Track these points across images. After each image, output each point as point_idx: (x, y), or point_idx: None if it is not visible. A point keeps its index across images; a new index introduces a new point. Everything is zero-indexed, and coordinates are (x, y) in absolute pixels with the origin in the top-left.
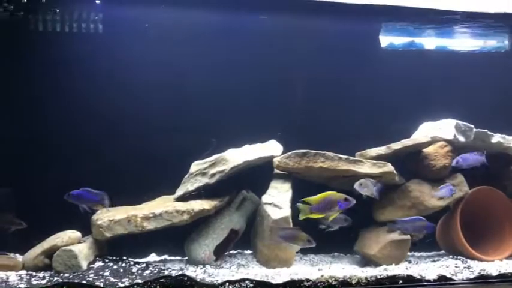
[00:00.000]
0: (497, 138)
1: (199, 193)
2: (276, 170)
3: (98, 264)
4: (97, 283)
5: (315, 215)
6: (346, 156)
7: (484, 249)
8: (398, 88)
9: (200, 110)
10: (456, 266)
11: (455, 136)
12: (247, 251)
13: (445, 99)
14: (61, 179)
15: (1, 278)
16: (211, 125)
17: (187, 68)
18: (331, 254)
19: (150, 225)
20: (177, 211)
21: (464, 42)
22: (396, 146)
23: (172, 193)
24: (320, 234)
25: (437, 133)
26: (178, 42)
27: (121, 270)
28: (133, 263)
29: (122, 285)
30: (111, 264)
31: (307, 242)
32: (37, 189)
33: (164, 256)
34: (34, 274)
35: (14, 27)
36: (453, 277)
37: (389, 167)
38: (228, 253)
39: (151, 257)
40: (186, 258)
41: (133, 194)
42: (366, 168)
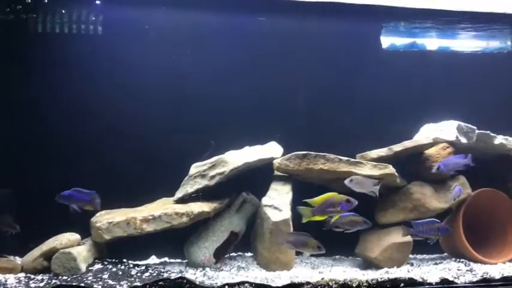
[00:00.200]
0: (499, 139)
1: (198, 195)
2: (276, 172)
3: (97, 266)
4: (95, 286)
5: (317, 217)
6: (346, 158)
7: (487, 251)
8: (399, 89)
9: (200, 112)
10: (458, 269)
11: (457, 137)
12: (247, 254)
13: (447, 100)
14: (61, 181)
15: (0, 281)
16: (211, 127)
17: (187, 70)
18: (332, 257)
19: (150, 227)
20: (177, 213)
21: (466, 43)
22: (397, 148)
23: (171, 195)
24: (321, 236)
25: (439, 135)
26: (178, 43)
27: (120, 272)
28: (132, 266)
29: None
30: (110, 266)
31: (316, 249)
32: (37, 191)
33: (164, 259)
34: (33, 277)
35: (18, 28)
36: (455, 280)
37: (390, 169)
38: (228, 256)
39: (151, 260)
40: (186, 260)
41: (132, 196)
42: (367, 170)
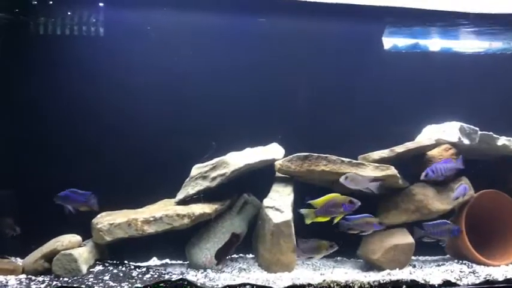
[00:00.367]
0: (502, 141)
1: (199, 197)
2: (278, 174)
3: (98, 268)
4: (96, 287)
5: (320, 218)
6: (348, 159)
7: (490, 253)
8: (401, 90)
9: (201, 113)
10: (461, 271)
11: (459, 139)
12: (248, 255)
13: (450, 101)
14: (62, 182)
15: (1, 282)
16: (212, 128)
17: (188, 71)
18: (334, 259)
19: (151, 229)
20: (178, 215)
21: (469, 43)
22: (399, 149)
23: (173, 196)
24: (322, 238)
25: (441, 136)
26: (179, 45)
27: (121, 274)
28: (133, 267)
29: None
30: (111, 268)
31: (330, 248)
32: (38, 192)
33: (165, 260)
34: (34, 278)
35: (23, 30)
36: (458, 282)
37: (392, 170)
38: (230, 257)
39: (152, 261)
40: (187, 262)
41: (134, 198)
42: (369, 171)
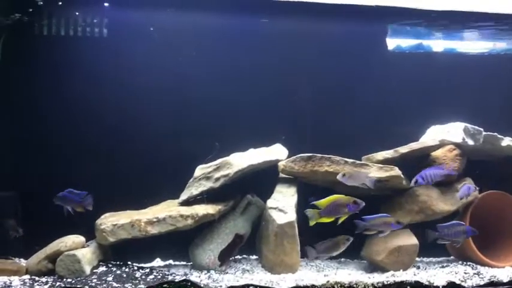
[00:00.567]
0: (507, 141)
1: (203, 197)
2: (281, 174)
3: (102, 269)
4: None
5: (325, 219)
6: (352, 160)
7: (495, 254)
8: (405, 91)
9: (205, 114)
10: (466, 272)
11: (463, 139)
12: (252, 256)
13: (454, 102)
14: (66, 183)
15: (4, 283)
16: (216, 129)
17: (191, 72)
18: (337, 260)
19: (154, 229)
20: (181, 216)
21: (473, 44)
22: (403, 150)
23: (176, 197)
24: (324, 238)
25: (445, 136)
26: (183, 46)
27: (124, 275)
28: (137, 268)
29: None
30: (114, 269)
31: (346, 241)
32: (42, 193)
33: (169, 261)
34: (37, 279)
35: (25, 31)
36: (462, 284)
37: (396, 171)
38: (233, 258)
39: (155, 262)
40: (191, 263)
41: (137, 199)
42: (373, 172)
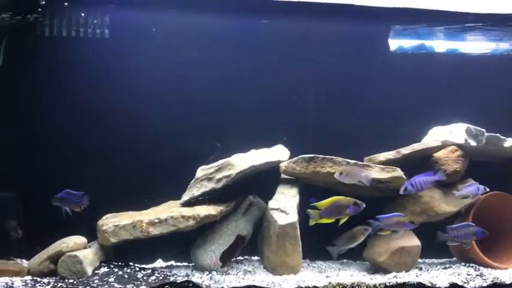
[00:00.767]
0: (509, 142)
1: (205, 198)
2: (283, 175)
3: (103, 270)
4: None
5: (325, 220)
6: (354, 161)
7: (497, 256)
8: (407, 92)
9: (206, 115)
10: (468, 274)
11: (466, 140)
12: (254, 257)
13: (456, 102)
14: (68, 184)
15: (6, 284)
16: (217, 130)
17: (193, 73)
18: (339, 261)
19: (156, 230)
20: (183, 216)
21: (476, 45)
22: (406, 151)
23: (178, 198)
24: (325, 239)
25: (447, 137)
26: (185, 46)
27: (126, 276)
28: (138, 269)
29: None
30: (116, 270)
31: (365, 231)
32: (44, 194)
33: (170, 262)
34: (39, 280)
35: (27, 31)
36: (465, 285)
37: (398, 172)
38: (235, 259)
39: (157, 263)
40: (193, 264)
41: (139, 199)
42: (375, 173)
